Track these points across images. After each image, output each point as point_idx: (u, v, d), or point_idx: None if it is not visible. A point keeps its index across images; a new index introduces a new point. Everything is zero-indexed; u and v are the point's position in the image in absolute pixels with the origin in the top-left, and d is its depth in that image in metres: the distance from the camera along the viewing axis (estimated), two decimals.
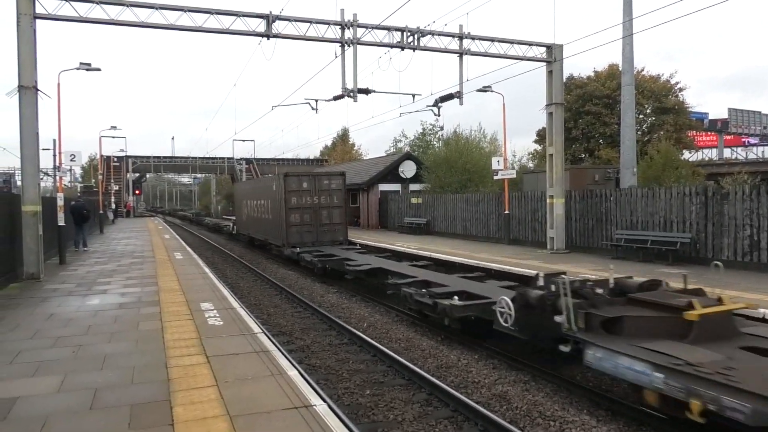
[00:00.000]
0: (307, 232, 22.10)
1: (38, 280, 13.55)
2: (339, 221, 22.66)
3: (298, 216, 21.98)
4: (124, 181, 63.23)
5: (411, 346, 10.73)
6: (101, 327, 8.53)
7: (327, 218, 22.39)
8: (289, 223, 21.87)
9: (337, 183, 22.72)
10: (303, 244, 21.53)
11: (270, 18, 16.06)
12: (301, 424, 4.82)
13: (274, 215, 23.41)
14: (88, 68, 21.62)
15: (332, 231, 22.48)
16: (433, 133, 56.89)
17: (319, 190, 22.28)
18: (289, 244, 21.78)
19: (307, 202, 22.11)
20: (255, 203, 27.93)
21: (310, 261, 18.92)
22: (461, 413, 7.31)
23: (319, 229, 22.25)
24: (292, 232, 21.92)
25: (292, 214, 21.89)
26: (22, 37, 13.58)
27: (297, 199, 21.99)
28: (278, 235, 22.86)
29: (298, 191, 22.03)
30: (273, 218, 23.56)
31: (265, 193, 25.02)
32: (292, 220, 21.90)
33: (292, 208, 21.90)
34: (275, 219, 23.16)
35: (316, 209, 22.21)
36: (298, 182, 22.19)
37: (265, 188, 25.51)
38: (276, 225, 23.05)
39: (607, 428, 6.91)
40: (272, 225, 23.88)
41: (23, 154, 13.84)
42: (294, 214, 21.94)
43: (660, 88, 40.79)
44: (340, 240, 22.53)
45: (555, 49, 19.13)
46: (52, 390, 5.77)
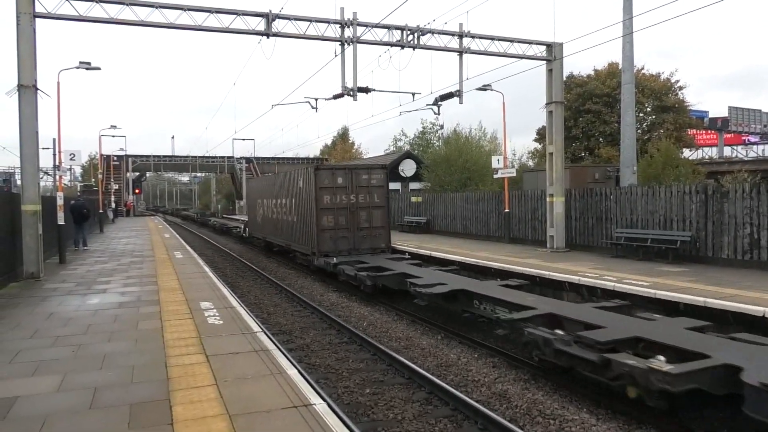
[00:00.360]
0: (343, 238, 18.50)
1: (38, 280, 13.55)
2: (380, 224, 19.08)
3: (332, 218, 18.41)
4: (124, 180, 63.25)
5: (411, 345, 10.73)
6: (101, 326, 8.53)
7: (366, 221, 18.79)
8: (321, 227, 18.22)
9: (378, 178, 19.05)
10: (337, 253, 18.05)
11: (270, 17, 16.04)
12: (300, 424, 4.82)
13: (300, 217, 20.04)
14: (87, 67, 21.62)
15: (372, 236, 18.90)
16: (433, 132, 56.96)
17: (357, 186, 18.67)
18: (320, 252, 18.20)
19: (342, 201, 18.51)
20: (274, 203, 24.26)
21: (354, 276, 15.06)
22: (461, 412, 7.32)
23: (357, 235, 18.69)
24: (324, 238, 18.28)
25: (325, 215, 18.28)
26: (22, 36, 13.56)
27: (330, 198, 18.37)
28: (305, 241, 19.40)
29: (331, 188, 18.41)
30: (298, 220, 20.23)
31: (288, 190, 21.58)
32: (324, 224, 18.29)
33: (324, 209, 18.27)
34: (302, 221, 19.75)
35: (353, 210, 18.59)
36: (331, 177, 18.52)
37: (287, 185, 21.89)
38: (303, 229, 19.68)
39: (607, 427, 6.91)
40: (297, 229, 20.53)
41: (23, 154, 13.82)
42: (327, 216, 18.34)
43: (660, 87, 40.78)
44: (381, 247, 18.98)
45: (555, 47, 19.11)
46: (51, 389, 5.77)
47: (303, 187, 19.38)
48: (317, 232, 18.22)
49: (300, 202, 19.80)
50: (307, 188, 18.89)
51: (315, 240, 18.31)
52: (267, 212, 25.84)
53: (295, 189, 20.58)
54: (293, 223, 20.92)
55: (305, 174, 19.19)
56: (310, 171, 18.61)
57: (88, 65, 21.55)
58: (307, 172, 18.92)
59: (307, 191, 18.77)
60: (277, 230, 23.85)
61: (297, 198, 20.24)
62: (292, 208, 20.94)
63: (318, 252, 18.27)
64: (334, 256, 17.60)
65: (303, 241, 19.73)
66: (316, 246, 18.34)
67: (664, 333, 7.84)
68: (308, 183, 18.68)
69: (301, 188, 19.58)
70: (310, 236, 18.73)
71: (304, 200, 19.25)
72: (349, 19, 16.74)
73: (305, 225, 19.23)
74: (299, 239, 20.31)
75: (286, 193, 21.98)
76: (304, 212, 19.35)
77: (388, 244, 19.25)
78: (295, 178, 20.77)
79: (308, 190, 18.70)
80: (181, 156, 75.21)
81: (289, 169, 37.27)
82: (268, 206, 25.63)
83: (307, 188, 18.77)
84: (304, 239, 19.56)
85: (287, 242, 22.37)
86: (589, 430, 6.81)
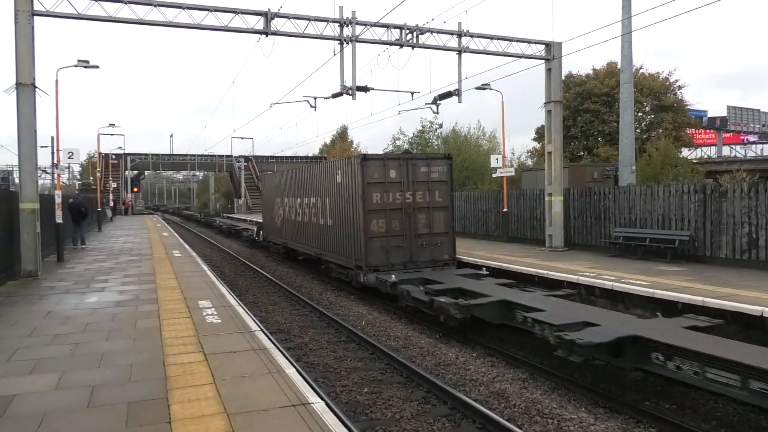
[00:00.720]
0: (397, 249, 14.77)
1: (36, 278, 13.54)
2: (443, 230, 15.34)
3: (383, 222, 14.68)
4: (122, 179, 63.19)
5: (409, 344, 10.73)
6: (99, 324, 8.52)
7: (425, 226, 15.12)
8: (370, 234, 14.54)
9: (439, 171, 15.36)
10: (390, 267, 14.52)
11: (269, 15, 16.02)
12: (298, 422, 4.82)
13: (338, 220, 16.25)
14: (86, 65, 21.56)
15: (433, 246, 15.18)
16: (432, 131, 56.91)
17: (414, 182, 15.04)
18: (369, 266, 14.47)
19: (395, 200, 14.84)
20: (299, 203, 20.37)
21: (429, 303, 11.23)
22: (459, 411, 7.32)
23: (414, 243, 14.98)
24: (373, 247, 14.58)
25: (375, 219, 14.60)
26: (20, 33, 13.54)
27: (381, 197, 14.68)
28: (346, 252, 15.75)
29: (382, 184, 14.71)
30: (336, 225, 16.46)
31: (321, 187, 17.76)
32: (373, 230, 14.57)
33: (374, 211, 14.58)
34: (341, 226, 16.03)
35: (409, 212, 14.93)
36: (382, 170, 14.79)
37: (319, 181, 17.95)
38: (342, 235, 15.97)
39: (605, 426, 6.91)
40: (333, 235, 16.67)
41: (21, 152, 13.81)
42: (377, 220, 14.63)
43: (659, 86, 40.81)
44: (444, 259, 15.29)
45: (554, 46, 19.11)
46: (49, 387, 5.76)
47: (344, 182, 15.72)
48: (365, 241, 14.50)
49: (338, 202, 16.13)
50: (350, 184, 15.25)
51: (362, 250, 14.61)
52: (289, 213, 21.97)
53: (330, 185, 16.82)
54: (328, 227, 17.13)
55: (348, 166, 15.45)
56: (355, 162, 14.87)
57: (87, 63, 21.49)
58: (351, 164, 15.23)
59: (351, 188, 15.15)
60: (303, 236, 20.06)
61: (334, 196, 16.50)
62: (326, 209, 17.21)
63: (366, 266, 14.49)
64: (388, 271, 14.18)
65: (342, 250, 16.02)
66: (363, 258, 14.56)
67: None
68: (352, 177, 15.04)
69: (341, 184, 15.93)
70: (353, 245, 15.12)
71: (345, 199, 15.64)
72: (348, 18, 16.73)
73: (346, 231, 15.61)
74: (336, 248, 16.50)
75: (317, 191, 18.21)
76: (345, 214, 15.71)
77: (453, 256, 15.57)
78: (330, 172, 16.91)
79: (352, 186, 15.07)
80: (180, 154, 75.27)
81: (286, 168, 35.90)
82: (290, 206, 21.64)
83: (351, 184, 15.14)
84: (343, 249, 15.90)
85: (318, 251, 18.33)
86: (588, 429, 6.81)
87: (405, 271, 14.30)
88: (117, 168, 61.77)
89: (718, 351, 6.80)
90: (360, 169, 14.56)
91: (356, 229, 14.88)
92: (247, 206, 64.86)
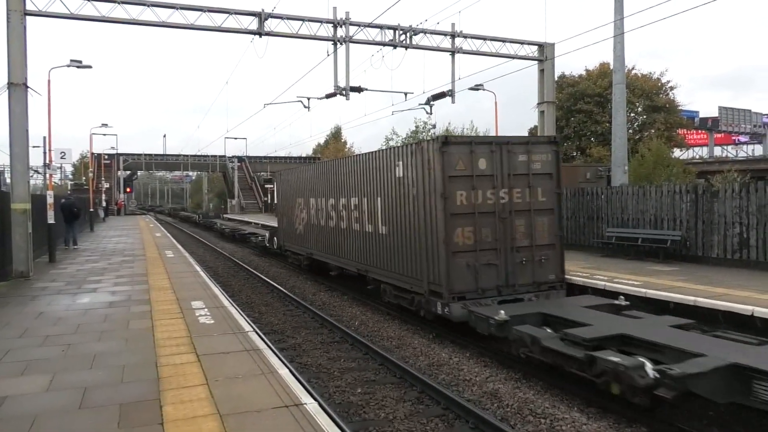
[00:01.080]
0: (488, 267, 10.93)
1: (27, 279, 13.47)
2: (548, 241, 11.61)
3: (470, 231, 10.85)
4: (115, 179, 62.93)
5: (402, 344, 10.74)
6: (91, 326, 8.49)
7: (525, 235, 11.33)
8: (454, 247, 10.69)
9: (543, 160, 11.59)
10: (479, 293, 10.78)
11: (262, 16, 16.02)
12: (291, 423, 4.82)
13: (397, 227, 12.23)
14: (78, 65, 21.50)
15: (535, 262, 11.40)
16: (425, 131, 57.00)
17: (511, 175, 11.24)
18: (451, 292, 10.57)
19: (487, 201, 11.01)
20: (332, 204, 16.17)
21: (590, 363, 7.27)
22: (452, 411, 7.33)
23: (511, 259, 11.18)
24: (458, 266, 10.70)
25: (460, 227, 10.76)
26: (12, 33, 13.48)
27: (467, 195, 10.83)
28: (412, 270, 11.71)
29: (468, 178, 10.85)
30: (393, 233, 12.42)
31: (368, 183, 13.60)
32: (457, 241, 10.73)
33: (458, 215, 10.74)
34: (403, 235, 12.05)
35: (504, 216, 11.13)
36: (469, 157, 10.88)
37: (364, 174, 13.88)
38: (405, 248, 11.96)
39: (597, 425, 6.94)
40: (389, 247, 12.63)
41: (13, 152, 13.75)
42: (463, 228, 10.78)
43: (651, 87, 41.05)
44: (551, 281, 11.55)
45: (546, 47, 19.18)
46: (40, 389, 5.74)
47: (408, 176, 11.68)
48: (446, 257, 10.52)
49: (398, 203, 12.11)
50: (419, 178, 11.24)
51: (440, 270, 10.63)
52: (316, 217, 17.81)
53: (384, 181, 12.77)
54: (380, 237, 13.12)
55: (417, 154, 11.29)
56: (431, 147, 10.87)
57: (80, 63, 21.43)
58: (422, 151, 11.11)
59: (421, 184, 11.16)
60: (337, 246, 16.04)
61: (390, 196, 12.48)
62: (376, 213, 13.22)
63: (447, 292, 10.48)
64: (477, 298, 10.54)
65: (404, 268, 12.02)
66: (442, 280, 10.58)
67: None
68: (423, 169, 11.03)
69: (402, 179, 11.89)
70: (425, 262, 11.12)
71: (409, 199, 11.65)
72: (341, 19, 16.75)
73: (411, 242, 11.63)
74: (394, 265, 12.44)
75: (361, 189, 14.10)
76: (409, 220, 11.70)
77: (561, 276, 11.73)
78: (384, 164, 12.76)
79: (424, 181, 11.08)
80: (173, 155, 75.06)
81: (281, 168, 34.80)
82: (318, 209, 17.52)
83: (421, 178, 11.16)
84: (406, 266, 11.89)
85: (362, 266, 14.30)
86: (580, 429, 6.84)
87: (499, 298, 10.75)
88: (110, 168, 61.56)
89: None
90: (438, 156, 10.54)
91: (430, 240, 10.90)
92: (241, 206, 64.73)
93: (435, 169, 10.74)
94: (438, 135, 12.91)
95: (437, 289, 10.85)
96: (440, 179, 10.63)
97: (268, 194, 65.02)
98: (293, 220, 20.61)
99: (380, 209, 13.10)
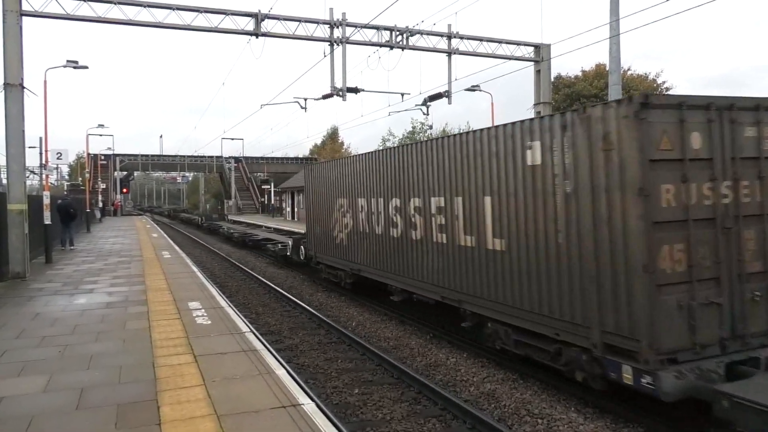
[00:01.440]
0: (707, 307, 6.69)
1: (24, 279, 13.44)
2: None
3: (682, 250, 6.68)
4: (111, 180, 62.81)
5: (400, 345, 10.75)
6: (88, 326, 8.48)
7: (758, 254, 7.17)
8: (661, 276, 6.49)
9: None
10: (697, 351, 6.55)
11: (259, 16, 16.02)
12: (289, 424, 4.82)
13: (522, 241, 8.40)
14: (75, 66, 21.44)
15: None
16: (422, 132, 57.11)
17: (736, 158, 7.05)
18: (659, 350, 6.36)
19: (703, 200, 6.87)
20: (395, 205, 12.40)
21: None
22: (450, 411, 7.35)
23: (738, 293, 6.96)
24: (666, 306, 6.47)
25: (668, 243, 6.60)
26: (8, 34, 13.46)
27: (674, 192, 6.67)
28: (569, 310, 7.51)
29: (678, 163, 6.72)
30: (514, 249, 8.61)
31: (471, 174, 9.66)
32: (665, 266, 6.55)
33: (665, 224, 6.58)
34: (539, 254, 8.06)
35: (727, 225, 6.98)
36: (677, 130, 6.72)
37: (464, 161, 9.86)
38: (544, 273, 7.95)
39: (594, 425, 6.97)
40: (512, 271, 8.64)
41: (9, 153, 13.74)
42: (672, 246, 6.62)
43: (647, 88, 41.15)
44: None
45: (542, 48, 19.23)
46: (38, 390, 5.73)
47: (557, 162, 7.74)
48: (647, 291, 6.50)
49: (531, 204, 8.22)
50: (583, 164, 7.31)
51: (638, 312, 6.58)
52: (368, 223, 13.79)
53: (502, 171, 8.82)
54: (488, 254, 9.23)
55: (582, 125, 7.31)
56: (613, 114, 6.84)
57: (76, 64, 21.37)
58: (599, 119, 7.06)
59: (587, 173, 7.24)
60: (404, 263, 12.04)
61: (515, 192, 8.55)
62: (483, 218, 9.34)
63: (653, 350, 6.40)
64: (694, 360, 6.55)
65: (546, 303, 7.96)
66: (644, 330, 6.50)
67: None
68: (594, 148, 7.12)
69: (540, 166, 8.01)
70: (598, 298, 7.11)
71: (559, 198, 7.70)
72: (338, 20, 16.77)
73: (565, 265, 7.65)
74: (523, 297, 8.42)
75: (454, 184, 10.14)
76: (556, 229, 7.76)
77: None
78: (504, 144, 8.78)
79: (593, 168, 7.16)
80: (170, 155, 75.02)
81: (278, 169, 34.28)
82: (372, 212, 13.52)
83: (587, 164, 7.24)
84: (553, 301, 7.83)
85: (452, 294, 10.29)
86: (577, 429, 6.86)
87: (725, 359, 6.66)
88: (106, 169, 61.40)
89: None
90: (632, 128, 6.61)
91: (609, 263, 6.93)
92: (238, 207, 64.70)
93: (622, 150, 6.70)
94: (630, 95, 7.39)
95: (625, 344, 6.69)
96: (636, 166, 6.55)
97: (265, 195, 65.03)
98: (331, 227, 16.30)
99: (490, 214, 9.10)
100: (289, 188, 52.22)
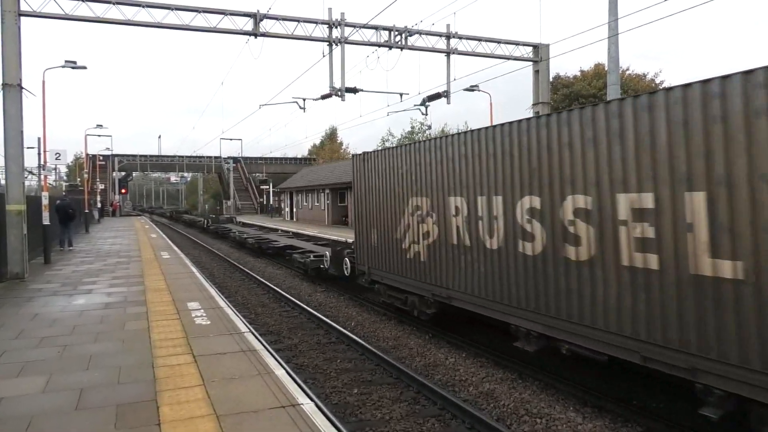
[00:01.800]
0: None
1: (23, 280, 13.43)
2: None
3: None
4: (110, 180, 62.79)
5: (399, 345, 10.76)
6: (87, 327, 8.48)
7: None
8: None
9: None
10: None
11: (257, 17, 16.03)
12: (288, 424, 4.83)
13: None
14: (73, 66, 21.44)
15: None
16: (421, 132, 57.19)
17: None
18: None
19: None
20: (527, 208, 8.18)
21: None
22: (449, 411, 7.35)
23: None
24: None
25: None
26: (7, 34, 13.46)
27: None
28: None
29: None
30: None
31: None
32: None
33: None
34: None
35: None
36: None
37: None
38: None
39: (593, 425, 6.97)
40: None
41: (7, 153, 13.73)
42: None
43: (645, 87, 41.19)
44: None
45: (541, 48, 19.25)
46: (37, 390, 5.73)
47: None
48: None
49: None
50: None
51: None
52: (467, 233, 9.72)
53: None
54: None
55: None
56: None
57: (74, 64, 21.37)
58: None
59: None
60: (543, 294, 7.96)
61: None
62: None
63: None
64: None
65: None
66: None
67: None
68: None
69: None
70: None
71: None
72: (336, 20, 16.77)
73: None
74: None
75: (686, 171, 5.82)
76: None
77: None
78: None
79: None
80: (168, 156, 75.05)
81: (276, 169, 33.54)
82: (474, 216, 9.50)
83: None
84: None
85: (677, 359, 6.09)
86: (576, 429, 6.87)
87: None
88: (104, 169, 61.40)
89: None
90: None
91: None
92: (236, 207, 64.68)
93: None
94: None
95: None
96: None
97: (264, 195, 64.99)
98: (398, 235, 12.10)
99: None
100: (287, 188, 52.26)
